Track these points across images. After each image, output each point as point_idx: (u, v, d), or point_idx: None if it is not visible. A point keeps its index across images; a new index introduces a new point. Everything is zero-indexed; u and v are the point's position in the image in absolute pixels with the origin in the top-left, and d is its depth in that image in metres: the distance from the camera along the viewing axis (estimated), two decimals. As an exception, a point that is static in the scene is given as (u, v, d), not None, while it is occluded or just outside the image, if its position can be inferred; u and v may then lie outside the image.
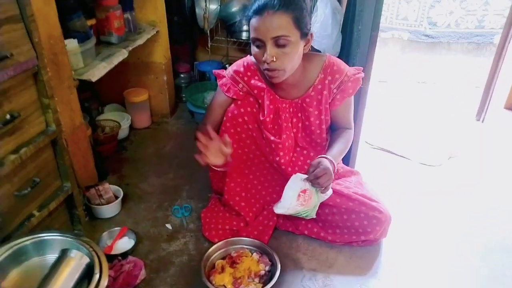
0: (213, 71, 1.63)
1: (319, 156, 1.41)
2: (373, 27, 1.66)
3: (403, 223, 1.72)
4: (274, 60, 1.33)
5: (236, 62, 1.59)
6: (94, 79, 1.67)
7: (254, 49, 1.39)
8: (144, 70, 2.38)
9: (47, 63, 1.28)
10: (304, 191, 1.36)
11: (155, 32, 2.22)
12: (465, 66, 3.34)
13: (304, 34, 1.35)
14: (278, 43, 1.31)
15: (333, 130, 1.64)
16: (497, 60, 2.50)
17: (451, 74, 3.36)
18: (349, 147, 1.59)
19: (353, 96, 1.56)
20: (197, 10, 2.49)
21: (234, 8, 2.49)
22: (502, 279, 1.49)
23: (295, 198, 1.36)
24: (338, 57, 2.19)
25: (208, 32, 2.55)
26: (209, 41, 2.58)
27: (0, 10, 1.07)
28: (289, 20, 1.30)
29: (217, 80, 1.60)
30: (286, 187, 1.39)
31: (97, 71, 1.71)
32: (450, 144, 2.38)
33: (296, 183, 1.37)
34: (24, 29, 1.16)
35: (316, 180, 1.33)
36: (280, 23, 1.29)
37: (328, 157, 1.40)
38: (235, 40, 2.63)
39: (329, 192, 1.41)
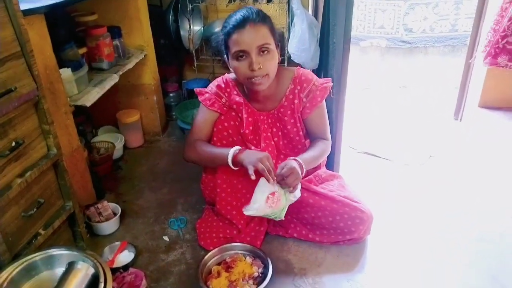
0: (195, 89, 1.76)
1: (288, 158, 1.54)
2: (344, 40, 1.78)
3: (387, 221, 1.83)
4: (261, 67, 1.49)
5: (216, 79, 1.73)
6: (88, 104, 1.78)
7: (235, 63, 1.53)
8: (135, 92, 2.49)
9: (45, 93, 1.38)
10: (273, 194, 1.44)
11: (143, 56, 2.34)
12: (443, 68, 3.49)
13: (277, 42, 1.55)
14: (262, 50, 1.49)
15: (311, 140, 1.76)
16: (468, 65, 2.64)
17: (430, 77, 3.50)
18: (324, 156, 1.73)
19: (325, 107, 1.70)
20: (182, 32, 2.61)
21: (217, 28, 2.61)
22: (482, 265, 1.60)
23: (264, 200, 1.43)
24: (317, 69, 2.34)
25: (194, 52, 2.67)
26: (195, 60, 2.70)
27: (4, 49, 1.18)
28: (267, 30, 1.50)
29: (199, 97, 1.71)
30: (255, 189, 1.46)
31: (91, 97, 1.82)
32: (430, 143, 2.50)
33: (265, 186, 1.44)
34: (25, 64, 1.27)
35: (283, 180, 1.45)
36: (262, 33, 1.48)
37: (297, 159, 1.53)
38: (220, 58, 2.75)
39: (298, 193, 1.50)
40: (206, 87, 1.74)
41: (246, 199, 1.78)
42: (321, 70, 2.34)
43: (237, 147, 1.55)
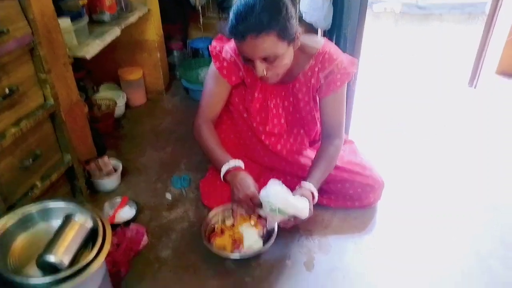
0: (210, 49, 1.54)
1: (298, 189, 1.36)
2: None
3: (398, 187, 1.77)
4: (265, 73, 1.31)
5: (232, 44, 1.46)
6: (88, 57, 1.70)
7: (243, 59, 1.36)
8: (138, 48, 2.40)
9: (41, 41, 1.30)
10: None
11: (146, 10, 2.24)
12: (458, 36, 3.37)
13: (292, 40, 1.29)
14: (266, 60, 1.28)
15: (322, 136, 1.56)
16: (488, 26, 2.52)
17: (444, 44, 3.38)
18: (333, 165, 1.50)
19: (344, 96, 1.50)
20: (187, -13, 2.49)
21: (225, -16, 2.50)
22: (490, 233, 1.55)
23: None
24: (329, 30, 2.23)
25: (200, 9, 2.56)
26: (200, 18, 2.59)
27: (-5, -13, 1.10)
28: (273, 38, 1.23)
29: (214, 62, 1.50)
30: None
31: (91, 49, 1.73)
32: (443, 112, 2.42)
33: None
34: (19, 6, 1.19)
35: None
36: (264, 46, 1.23)
37: (309, 188, 1.36)
38: (227, 16, 2.63)
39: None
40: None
41: (251, 163, 1.72)
42: (334, 30, 2.23)
43: (232, 164, 1.38)
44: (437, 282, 1.36)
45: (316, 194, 1.37)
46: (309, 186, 1.36)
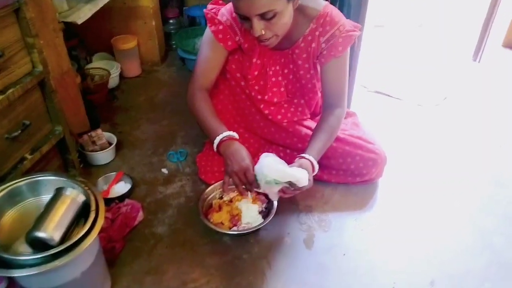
0: (205, 11, 1.46)
1: (297, 161, 1.29)
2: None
3: (398, 162, 1.72)
4: (263, 33, 1.23)
5: (229, 6, 1.40)
6: (79, 22, 1.62)
7: (239, 19, 1.28)
8: (132, 15, 2.29)
9: (29, 3, 1.21)
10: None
11: (140, -27, 2.13)
12: (463, 6, 3.26)
13: None
14: (264, 17, 1.20)
15: (323, 106, 1.49)
16: (495, -3, 2.43)
17: (449, 16, 3.28)
18: (335, 135, 1.43)
19: (346, 62, 1.41)
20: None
21: None
22: (493, 210, 1.52)
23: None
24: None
25: (197, -26, 2.45)
26: (198, -17, 2.48)
27: None
28: None
29: (209, 25, 1.42)
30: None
31: (82, 14, 1.65)
32: (446, 85, 2.35)
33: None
34: (-2, -40, 1.09)
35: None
36: (261, 0, 1.15)
37: (308, 158, 1.29)
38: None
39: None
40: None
41: (249, 135, 1.66)
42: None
43: (225, 134, 1.30)
44: (439, 259, 1.34)
45: (316, 165, 1.31)
46: (309, 157, 1.30)
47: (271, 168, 1.21)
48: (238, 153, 1.27)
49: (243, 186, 1.28)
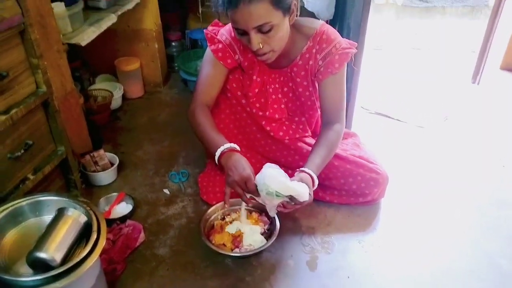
0: (205, 31, 1.51)
1: (297, 174, 1.28)
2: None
3: (400, 183, 1.72)
4: (261, 46, 1.26)
5: (228, 27, 1.45)
6: (83, 43, 1.63)
7: (237, 35, 1.30)
8: (135, 38, 2.32)
9: (34, 25, 1.23)
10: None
11: (144, -3, 2.17)
12: (460, 30, 3.31)
13: (287, 9, 1.24)
14: (261, 30, 1.22)
15: (322, 122, 1.50)
16: (492, 20, 2.47)
17: (446, 39, 3.33)
18: (335, 150, 1.43)
19: (344, 78, 1.43)
20: (186, -25, 2.42)
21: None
22: (498, 231, 1.51)
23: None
24: (332, 19, 2.16)
25: (199, -2, 2.49)
26: (200, 6, 2.52)
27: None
28: (267, 5, 1.18)
29: (209, 45, 1.46)
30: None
31: (86, 36, 1.67)
32: (446, 106, 2.37)
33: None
34: (6, -16, 1.12)
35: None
36: (258, 13, 1.18)
37: (309, 172, 1.29)
38: None
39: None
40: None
41: (251, 155, 1.66)
42: (337, 20, 2.17)
43: (226, 146, 1.30)
44: (444, 280, 1.32)
45: (316, 180, 1.30)
46: (309, 171, 1.29)
47: (274, 179, 1.20)
48: (238, 163, 1.27)
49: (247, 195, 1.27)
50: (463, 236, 1.49)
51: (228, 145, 1.31)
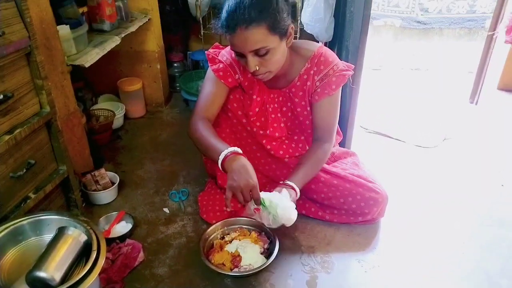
0: (206, 52, 1.56)
1: (283, 186, 1.36)
2: (365, 5, 1.65)
3: (400, 202, 1.72)
4: (257, 68, 1.31)
5: (229, 48, 1.47)
6: (87, 65, 1.66)
7: (235, 56, 1.36)
8: (137, 59, 2.37)
9: (39, 47, 1.27)
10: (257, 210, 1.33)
11: (147, 20, 2.21)
12: (458, 51, 3.35)
13: (283, 33, 1.29)
14: (258, 53, 1.28)
15: (313, 138, 1.56)
16: (489, 41, 2.50)
17: (444, 60, 3.37)
18: (321, 165, 1.50)
19: (338, 100, 1.48)
20: (189, -1, 2.48)
21: (226, -4, 2.49)
22: (497, 250, 1.50)
23: None
24: (331, 41, 2.21)
25: (201, 20, 2.54)
26: (201, 29, 2.57)
27: (-10, -12, 1.06)
28: (264, 30, 1.23)
29: (210, 65, 1.50)
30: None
31: (90, 57, 1.70)
32: (444, 126, 2.39)
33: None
34: (15, 8, 1.15)
35: None
36: (255, 38, 1.23)
37: (291, 184, 1.37)
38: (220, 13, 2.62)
39: (289, 217, 1.32)
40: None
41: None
42: (335, 42, 2.22)
43: (229, 150, 1.28)
44: (445, 302, 1.31)
45: (298, 193, 1.37)
46: (292, 184, 1.37)
47: (281, 202, 1.28)
48: (245, 169, 1.24)
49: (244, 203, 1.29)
50: (463, 256, 1.48)
51: (231, 148, 1.29)
